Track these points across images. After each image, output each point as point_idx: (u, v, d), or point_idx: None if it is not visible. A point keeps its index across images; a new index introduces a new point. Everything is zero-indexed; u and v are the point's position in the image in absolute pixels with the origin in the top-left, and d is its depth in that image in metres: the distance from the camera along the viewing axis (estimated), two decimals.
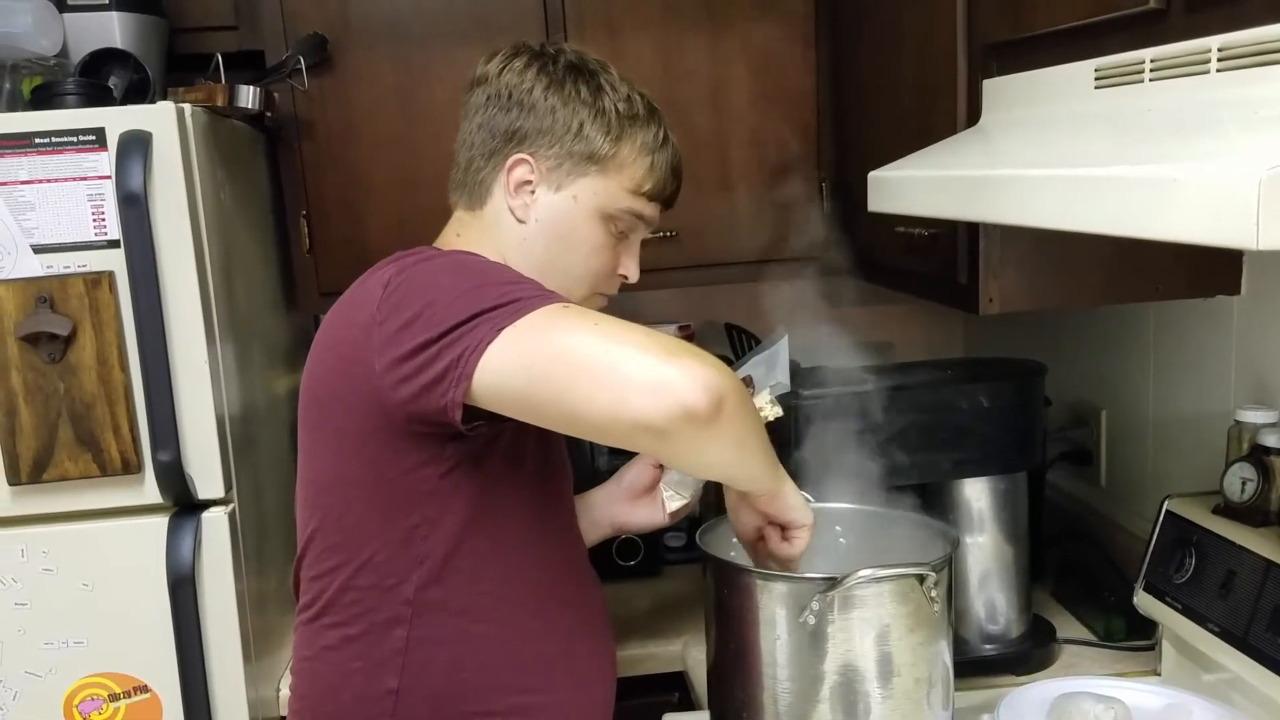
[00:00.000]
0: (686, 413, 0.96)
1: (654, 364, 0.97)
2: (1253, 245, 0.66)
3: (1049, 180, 0.92)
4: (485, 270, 1.10)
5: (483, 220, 1.26)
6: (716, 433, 0.99)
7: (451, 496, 1.14)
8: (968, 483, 1.55)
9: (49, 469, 1.45)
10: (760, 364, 1.48)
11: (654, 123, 1.26)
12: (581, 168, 1.22)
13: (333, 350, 1.15)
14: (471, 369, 1.01)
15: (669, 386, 0.96)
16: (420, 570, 1.15)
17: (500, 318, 1.01)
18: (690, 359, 0.98)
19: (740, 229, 1.98)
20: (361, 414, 1.11)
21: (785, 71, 1.95)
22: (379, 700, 1.16)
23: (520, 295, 1.03)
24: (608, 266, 1.28)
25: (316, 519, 1.20)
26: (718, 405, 0.97)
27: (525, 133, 1.22)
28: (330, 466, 1.17)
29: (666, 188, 1.28)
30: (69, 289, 1.43)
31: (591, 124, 1.22)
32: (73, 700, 1.51)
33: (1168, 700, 1.35)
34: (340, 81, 1.87)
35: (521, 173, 1.22)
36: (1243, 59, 0.87)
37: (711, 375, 0.97)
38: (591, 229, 1.24)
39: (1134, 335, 1.74)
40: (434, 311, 1.04)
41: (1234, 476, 1.38)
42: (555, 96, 1.22)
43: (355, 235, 1.89)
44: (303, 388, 1.20)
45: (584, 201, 1.23)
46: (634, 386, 0.96)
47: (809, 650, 1.19)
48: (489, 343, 1.00)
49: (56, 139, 1.41)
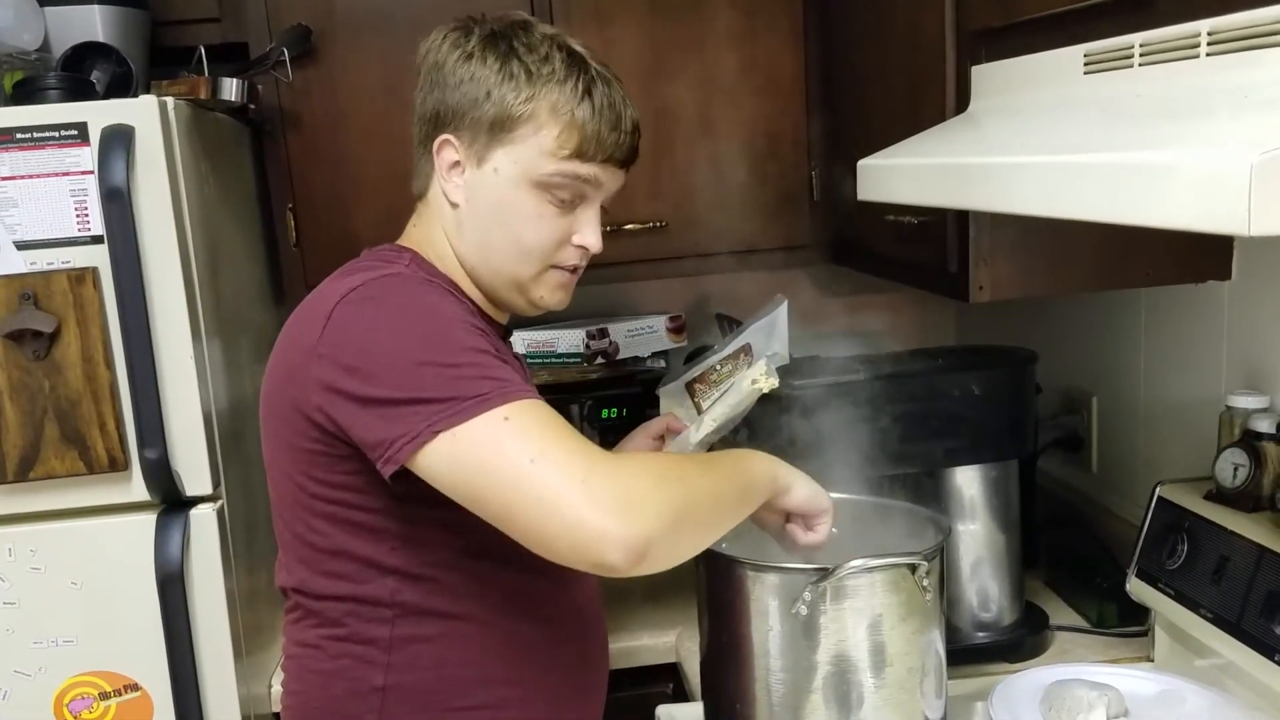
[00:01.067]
0: (605, 567, 0.97)
1: (578, 517, 0.96)
2: (1244, 231, 0.65)
3: (1039, 167, 0.91)
4: (429, 335, 1.05)
5: (429, 208, 1.23)
6: (644, 568, 0.99)
7: (415, 509, 1.11)
8: (959, 471, 1.55)
9: (35, 467, 1.44)
10: (759, 331, 1.46)
11: (573, 77, 1.16)
12: (497, 137, 1.15)
13: (281, 368, 1.14)
14: (403, 458, 1.01)
15: (590, 545, 0.96)
16: (395, 579, 1.14)
17: (436, 417, 0.99)
18: (617, 509, 0.96)
19: (730, 219, 1.97)
20: (303, 436, 1.10)
21: (774, 60, 1.94)
22: (366, 697, 1.16)
23: (459, 392, 1.00)
24: (553, 237, 1.19)
25: (287, 531, 1.18)
26: (638, 557, 0.97)
27: (447, 111, 1.17)
28: (288, 482, 1.15)
29: (604, 146, 1.17)
30: (53, 285, 1.41)
31: (498, 89, 1.15)
32: (63, 699, 1.50)
33: (1161, 686, 1.35)
34: (325, 73, 1.86)
35: (448, 154, 1.18)
36: (1232, 43, 0.86)
37: (635, 528, 0.96)
38: (523, 200, 1.17)
39: (1125, 321, 1.74)
40: (372, 370, 1.03)
41: (1225, 462, 1.37)
42: (464, 68, 1.16)
43: (342, 228, 1.87)
44: (261, 397, 1.18)
45: (505, 172, 1.16)
46: (561, 537, 0.97)
47: (802, 641, 1.18)
48: (424, 441, 1.00)
49: (38, 134, 1.40)
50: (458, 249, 1.21)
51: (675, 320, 2.12)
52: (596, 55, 1.21)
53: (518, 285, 1.21)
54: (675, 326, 2.12)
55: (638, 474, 1.01)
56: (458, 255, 1.21)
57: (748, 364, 1.46)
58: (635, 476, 1.01)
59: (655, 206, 1.93)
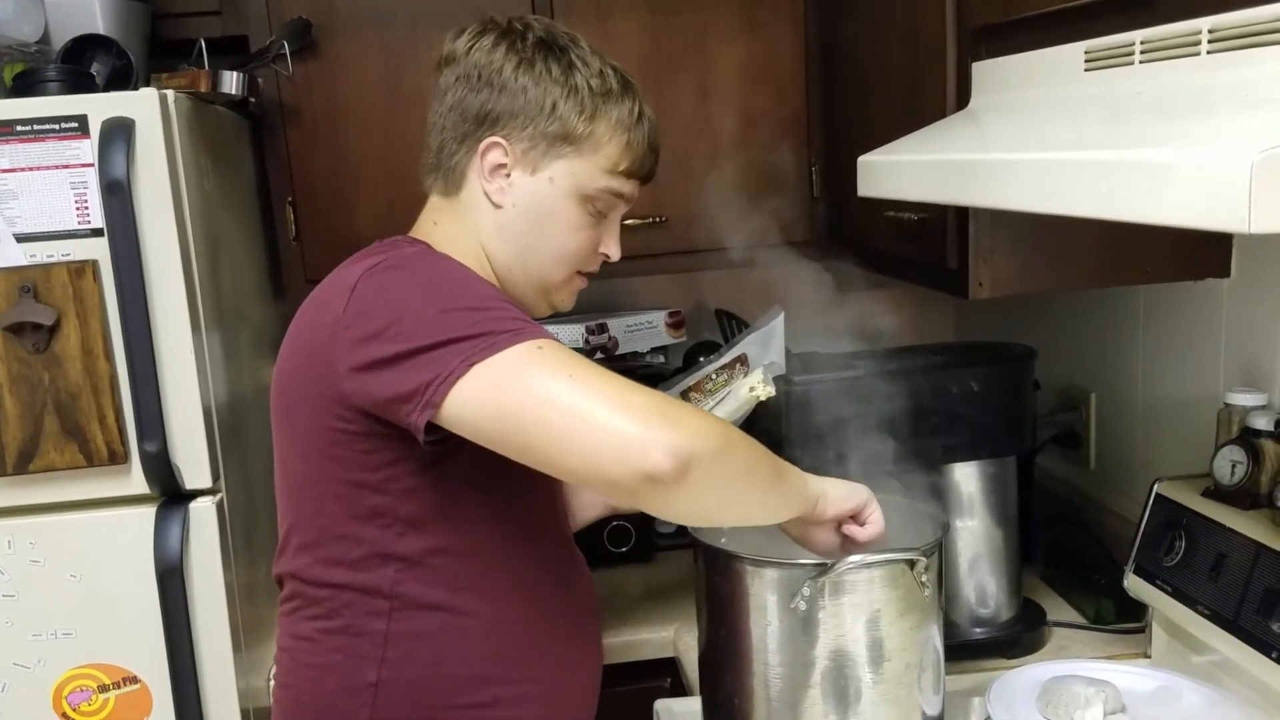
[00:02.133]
0: (648, 475, 0.96)
1: (622, 424, 0.96)
2: (1245, 228, 0.65)
3: (1039, 164, 0.91)
4: (454, 289, 1.08)
5: (458, 206, 1.23)
6: (688, 491, 0.98)
7: (426, 495, 1.12)
8: (958, 467, 1.55)
9: (35, 460, 1.44)
10: (755, 342, 1.47)
11: (628, 98, 1.22)
12: (557, 149, 1.19)
13: (301, 350, 1.14)
14: (440, 399, 1.00)
15: (632, 448, 0.95)
16: (397, 568, 1.14)
17: (471, 351, 1.00)
18: (660, 419, 0.97)
19: (730, 215, 1.97)
20: (329, 415, 1.10)
21: (775, 55, 1.94)
22: (359, 692, 1.15)
23: (491, 328, 1.01)
24: (588, 247, 1.24)
25: (292, 515, 1.19)
26: (683, 468, 0.96)
27: (498, 114, 1.18)
28: (301, 465, 1.16)
29: (645, 164, 1.24)
30: (53, 278, 1.41)
31: (564, 103, 1.18)
32: (62, 691, 1.50)
33: (1158, 683, 1.35)
34: (326, 66, 1.85)
35: (495, 156, 1.19)
36: (1234, 40, 0.86)
37: (679, 437, 0.96)
38: (570, 210, 1.21)
39: (1123, 318, 1.74)
40: (401, 327, 1.03)
41: (1223, 459, 1.38)
42: (526, 75, 1.18)
43: (342, 222, 1.87)
44: (274, 385, 1.18)
45: (561, 183, 1.20)
46: (603, 446, 0.96)
47: (800, 636, 1.19)
48: (459, 376, 0.99)
49: (38, 126, 1.40)
50: (493, 249, 1.21)
51: (674, 315, 2.12)
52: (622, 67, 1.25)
53: (546, 288, 1.25)
54: (674, 322, 2.12)
55: (675, 401, 1.02)
56: (490, 255, 1.22)
57: (743, 373, 1.46)
58: (671, 401, 1.01)
59: (655, 202, 1.92)
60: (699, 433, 0.99)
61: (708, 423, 1.03)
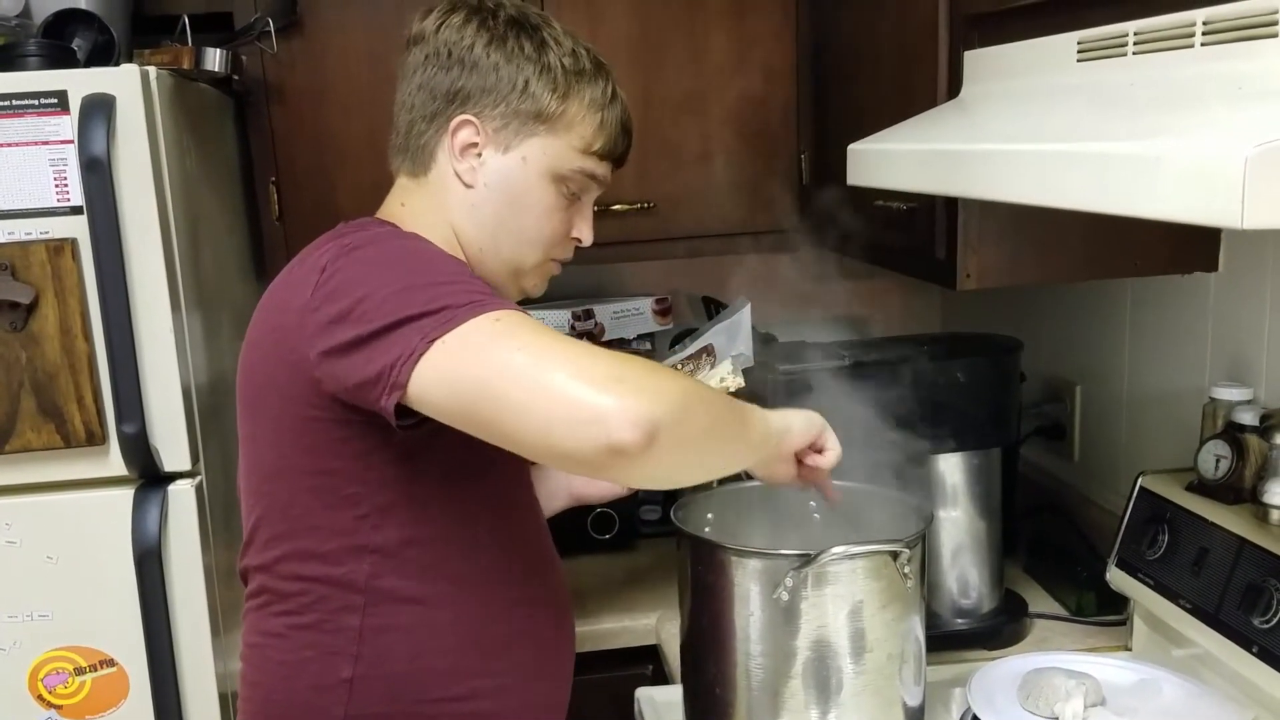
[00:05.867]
0: (612, 448, 0.90)
1: (581, 394, 0.91)
2: (1238, 224, 0.65)
3: (1030, 155, 0.90)
4: (416, 264, 1.06)
5: (428, 186, 1.21)
6: (654, 459, 0.93)
7: (399, 484, 1.10)
8: (942, 458, 1.55)
9: (11, 440, 1.43)
10: (721, 333, 1.46)
11: (601, 78, 1.20)
12: (530, 127, 1.16)
13: (269, 334, 1.12)
14: (405, 379, 0.96)
15: (595, 421, 0.90)
16: (371, 559, 1.12)
17: (430, 327, 0.97)
18: (622, 388, 0.91)
19: (718, 201, 1.96)
20: (299, 402, 1.08)
21: (765, 43, 1.93)
22: (333, 690, 1.13)
23: (449, 302, 0.98)
24: (560, 230, 1.22)
25: (261, 507, 1.16)
26: (649, 437, 0.90)
27: (468, 92, 1.16)
28: (272, 454, 1.14)
29: (618, 146, 1.22)
30: (31, 256, 1.39)
31: (537, 81, 1.16)
32: (38, 674, 1.49)
33: (1138, 675, 1.35)
34: (310, 44, 1.83)
35: (466, 135, 1.17)
36: (1227, 33, 0.86)
37: (643, 405, 0.91)
38: (543, 191, 1.19)
39: (1110, 311, 1.74)
40: (365, 308, 1.00)
41: (1208, 453, 1.38)
42: (498, 53, 1.16)
43: (326, 202, 1.85)
44: (240, 371, 1.16)
45: (534, 163, 1.17)
46: (560, 419, 0.91)
47: (782, 626, 1.18)
48: (421, 354, 0.96)
49: (17, 102, 1.38)
50: (464, 230, 1.19)
51: (661, 302, 2.11)
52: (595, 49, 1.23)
53: (517, 271, 1.22)
54: (661, 308, 2.11)
55: (633, 362, 0.98)
56: (461, 236, 1.20)
57: (710, 364, 1.45)
58: (630, 363, 0.97)
59: (643, 188, 1.91)
60: (661, 397, 0.94)
61: (667, 382, 0.98)
